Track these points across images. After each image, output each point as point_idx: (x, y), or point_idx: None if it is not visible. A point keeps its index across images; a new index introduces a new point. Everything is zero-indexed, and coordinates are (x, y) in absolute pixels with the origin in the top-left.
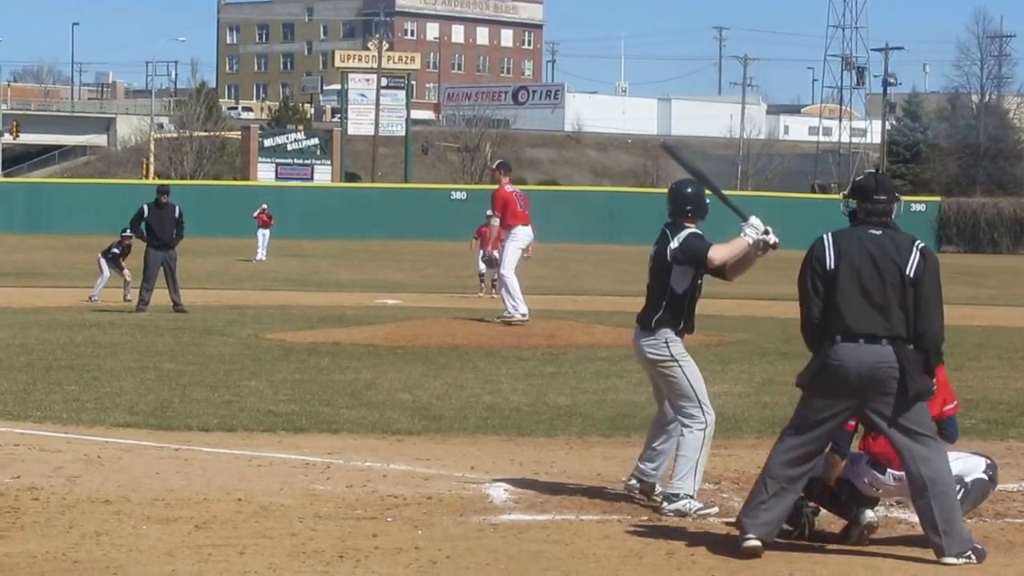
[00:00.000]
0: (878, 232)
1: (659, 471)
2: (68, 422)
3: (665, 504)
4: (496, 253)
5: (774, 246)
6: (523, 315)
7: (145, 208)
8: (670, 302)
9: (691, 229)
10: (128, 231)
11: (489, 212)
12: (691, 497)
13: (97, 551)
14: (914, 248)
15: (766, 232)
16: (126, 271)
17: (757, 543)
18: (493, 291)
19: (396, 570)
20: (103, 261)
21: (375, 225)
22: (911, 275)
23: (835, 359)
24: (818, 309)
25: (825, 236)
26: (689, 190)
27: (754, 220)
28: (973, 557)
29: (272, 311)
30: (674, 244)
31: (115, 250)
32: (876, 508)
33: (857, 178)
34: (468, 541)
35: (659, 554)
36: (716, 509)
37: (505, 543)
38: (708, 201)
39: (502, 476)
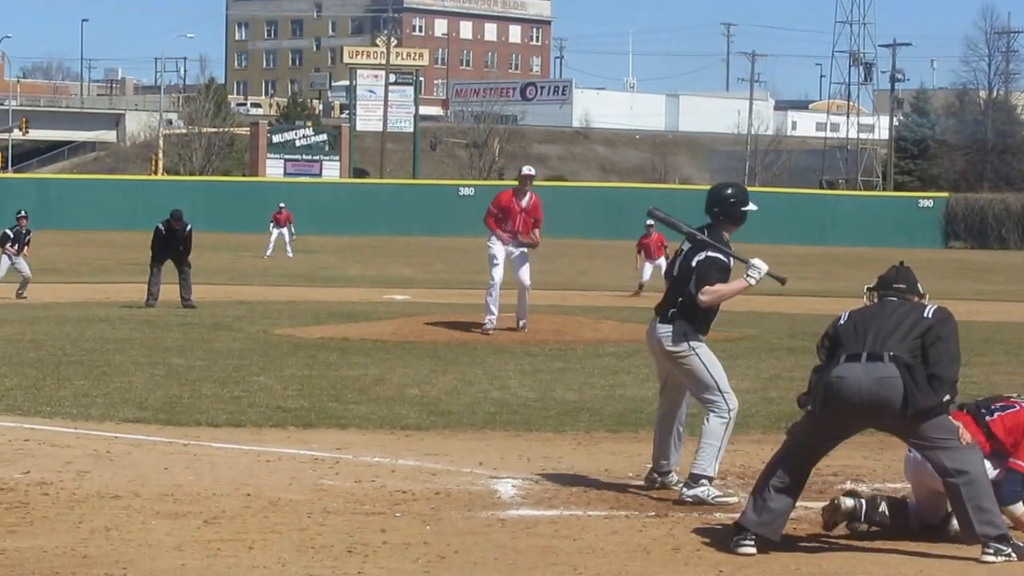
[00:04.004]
0: (894, 298)
1: (673, 460)
2: (77, 417)
3: (684, 489)
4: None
5: (782, 281)
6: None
7: (161, 227)
8: (686, 301)
9: (712, 254)
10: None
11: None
12: (711, 481)
13: (106, 546)
14: (931, 303)
15: (769, 272)
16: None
17: (752, 550)
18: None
19: (404, 565)
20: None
21: (383, 221)
22: (929, 316)
23: (838, 375)
24: (826, 350)
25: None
26: (728, 191)
27: (756, 262)
28: (1014, 555)
29: (280, 307)
30: (700, 257)
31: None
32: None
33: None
34: (476, 536)
35: (666, 549)
36: (736, 499)
37: (513, 538)
38: (744, 210)
39: (510, 472)
